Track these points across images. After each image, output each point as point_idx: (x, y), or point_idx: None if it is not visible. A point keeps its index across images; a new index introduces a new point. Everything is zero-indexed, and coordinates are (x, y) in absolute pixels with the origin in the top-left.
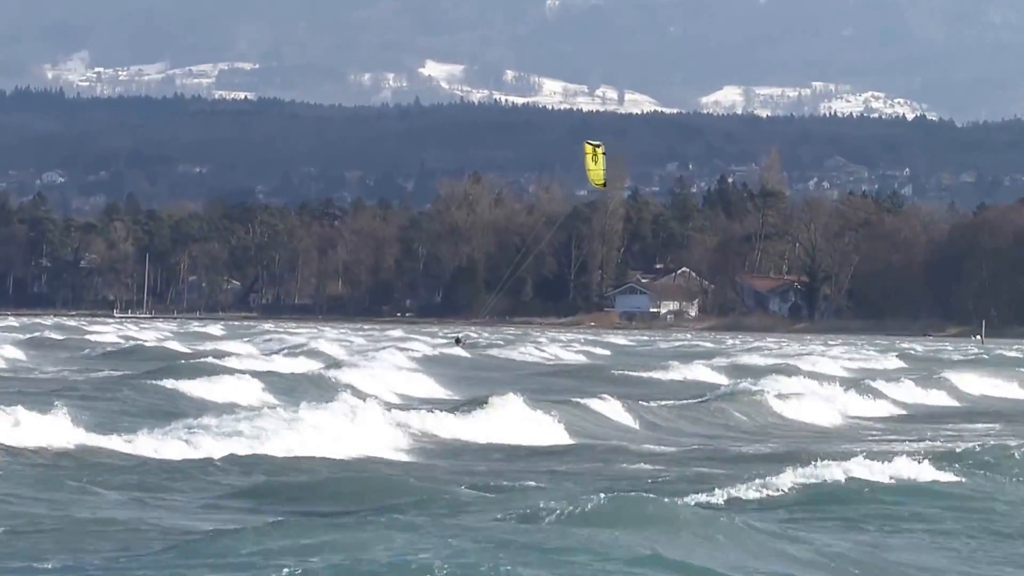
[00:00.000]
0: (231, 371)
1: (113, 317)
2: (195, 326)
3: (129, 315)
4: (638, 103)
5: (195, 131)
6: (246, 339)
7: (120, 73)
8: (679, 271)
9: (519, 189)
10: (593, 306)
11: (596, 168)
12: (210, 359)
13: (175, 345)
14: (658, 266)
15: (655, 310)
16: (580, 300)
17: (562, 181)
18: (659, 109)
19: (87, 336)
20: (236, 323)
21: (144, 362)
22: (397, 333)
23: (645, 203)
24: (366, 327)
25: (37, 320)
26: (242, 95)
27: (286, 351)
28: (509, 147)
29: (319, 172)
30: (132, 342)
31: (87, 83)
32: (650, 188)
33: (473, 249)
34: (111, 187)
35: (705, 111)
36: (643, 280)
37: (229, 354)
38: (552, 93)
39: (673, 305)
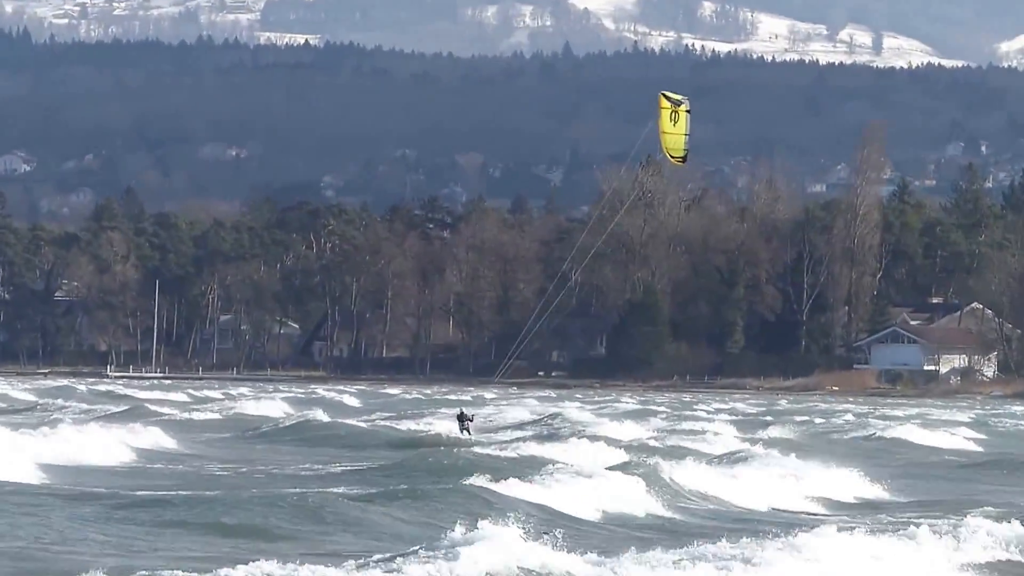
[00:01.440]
0: (545, 462)
1: (107, 376)
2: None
3: (130, 373)
4: (903, 52)
5: (228, 95)
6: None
7: (115, 6)
8: (966, 308)
9: (723, 182)
10: (836, 361)
11: (675, 132)
12: (511, 448)
13: (355, 421)
14: (935, 300)
15: (931, 367)
16: (816, 352)
17: (789, 170)
18: (935, 61)
19: (192, 410)
20: (299, 390)
21: (369, 448)
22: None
23: (914, 204)
24: (494, 395)
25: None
26: (299, 39)
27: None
28: (707, 119)
29: (418, 157)
30: (291, 415)
31: (65, 21)
32: (922, 181)
33: (653, 274)
34: (101, 179)
35: (1005, 64)
36: (912, 322)
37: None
38: (772, 37)
39: (958, 360)
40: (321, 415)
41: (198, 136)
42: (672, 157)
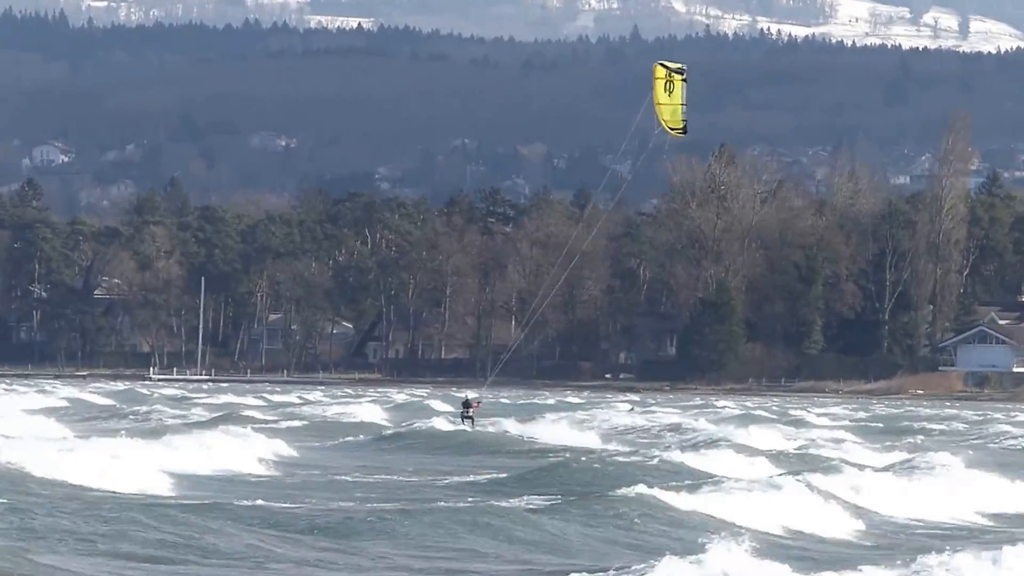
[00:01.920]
0: (699, 473)
1: (150, 378)
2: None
3: (174, 375)
4: (991, 36)
5: (277, 81)
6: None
7: None
8: None
9: (800, 173)
10: (920, 363)
11: (671, 102)
12: (649, 457)
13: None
14: None
15: (1020, 369)
16: (899, 353)
17: (870, 161)
18: None
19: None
20: (355, 390)
21: (498, 455)
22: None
23: (1004, 197)
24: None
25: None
26: (352, 22)
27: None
28: (784, 107)
29: (478, 147)
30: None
31: (103, 4)
32: (1012, 172)
33: (727, 271)
34: (143, 170)
35: None
36: (1001, 322)
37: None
38: (852, 20)
39: None
40: (436, 421)
41: (245, 125)
42: (671, 130)
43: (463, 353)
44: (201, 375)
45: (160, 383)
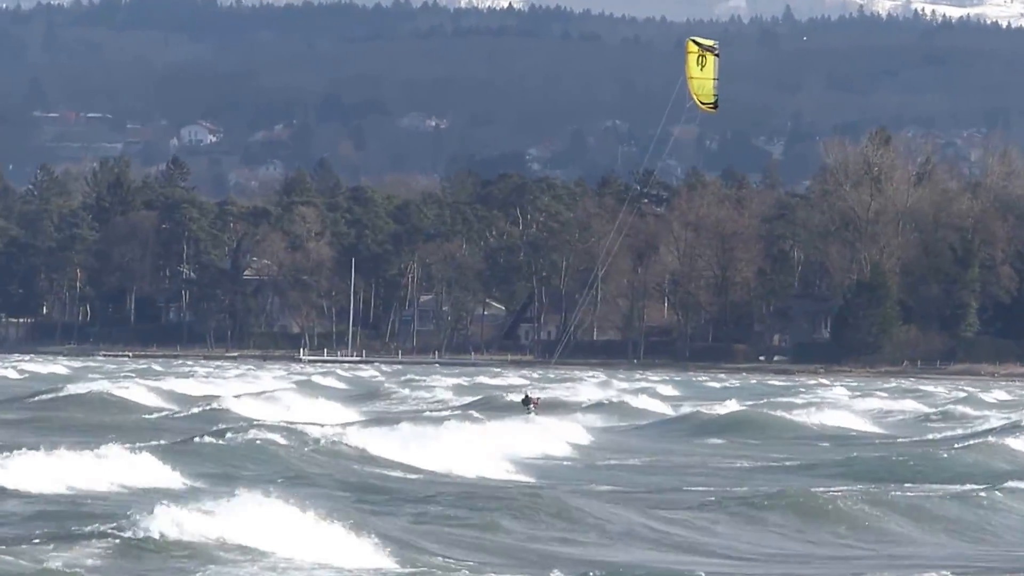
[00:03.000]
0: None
1: (300, 359)
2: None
3: (324, 356)
4: None
5: (427, 62)
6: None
7: None
8: None
9: (955, 155)
10: None
11: (703, 77)
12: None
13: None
14: None
15: None
16: None
17: None
18: None
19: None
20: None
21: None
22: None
23: None
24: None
25: (185, 363)
26: (503, 2)
27: None
28: (938, 87)
29: (630, 129)
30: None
31: None
32: None
33: (881, 253)
34: (292, 150)
35: None
36: None
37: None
38: (1007, 1)
39: None
40: (728, 406)
41: (395, 105)
42: (701, 104)
43: (615, 335)
44: (352, 357)
45: (314, 362)
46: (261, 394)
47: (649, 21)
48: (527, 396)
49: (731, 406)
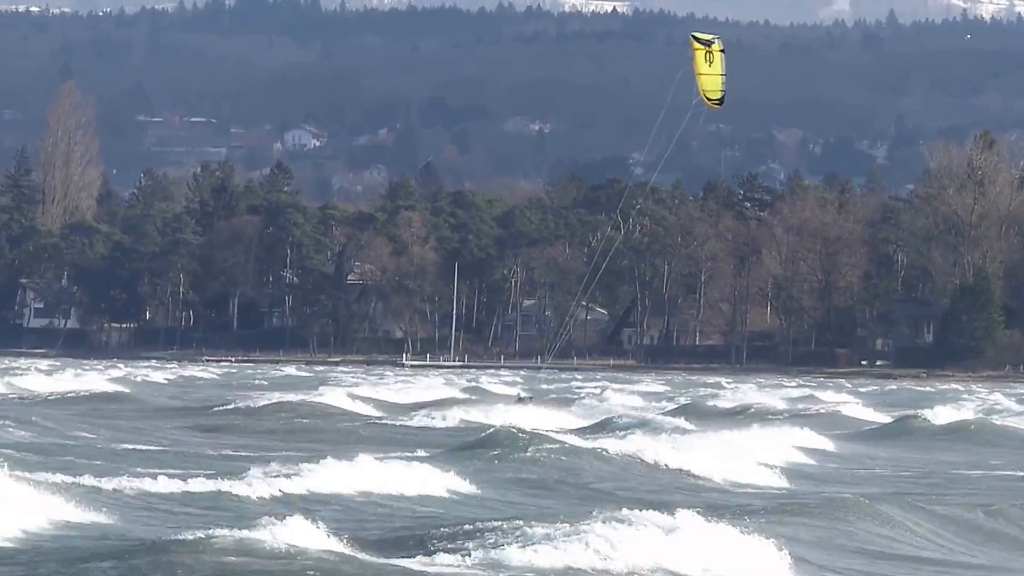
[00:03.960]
0: None
1: (403, 364)
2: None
3: (427, 361)
4: None
5: (531, 66)
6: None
7: None
8: None
9: None
10: None
11: (711, 73)
12: None
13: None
14: None
15: None
16: None
17: None
18: None
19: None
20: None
21: None
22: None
23: None
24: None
25: (297, 368)
26: (607, 6)
27: None
28: None
29: (733, 132)
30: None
31: None
32: None
33: (985, 257)
34: (396, 155)
35: None
36: None
37: None
38: None
39: None
40: (937, 412)
41: (499, 110)
42: (708, 100)
43: (718, 339)
44: (454, 361)
45: (415, 367)
46: (466, 401)
47: (752, 25)
48: (520, 396)
49: (948, 414)
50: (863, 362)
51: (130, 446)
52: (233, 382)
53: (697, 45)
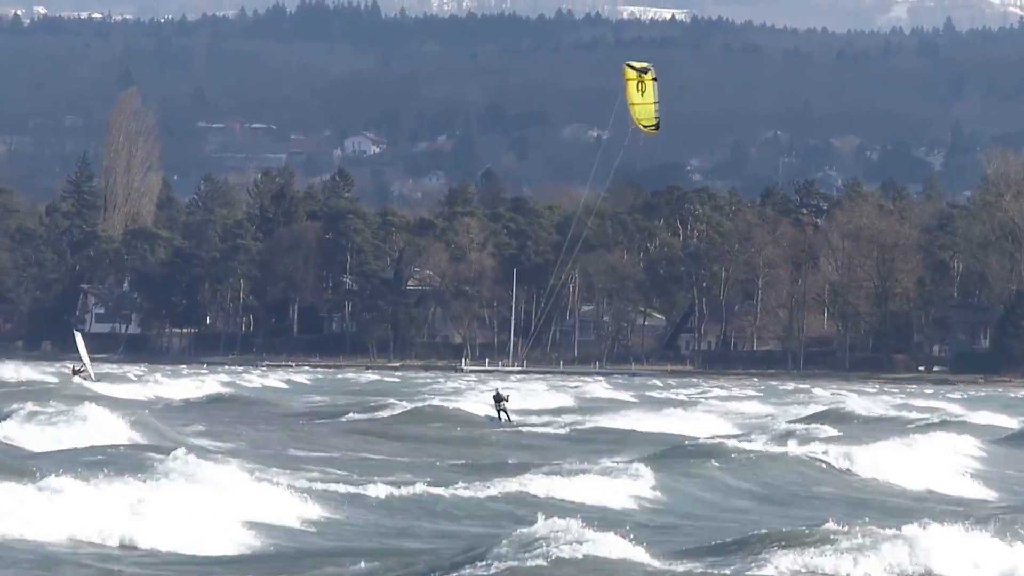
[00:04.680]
0: None
1: (461, 369)
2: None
3: (486, 367)
4: None
5: (589, 73)
6: None
7: None
8: None
9: None
10: None
11: (644, 103)
12: None
13: None
14: None
15: None
16: None
17: None
18: None
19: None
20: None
21: None
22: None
23: None
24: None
25: (350, 373)
26: (665, 13)
27: None
28: None
29: (791, 139)
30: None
31: None
32: None
33: None
34: (455, 161)
35: None
36: None
37: None
38: None
39: None
40: None
41: (557, 116)
42: (644, 127)
43: (775, 345)
44: (513, 367)
45: (477, 371)
46: (594, 409)
47: (810, 32)
48: (497, 392)
49: None
50: (920, 368)
51: (304, 452)
52: (326, 386)
53: (630, 75)
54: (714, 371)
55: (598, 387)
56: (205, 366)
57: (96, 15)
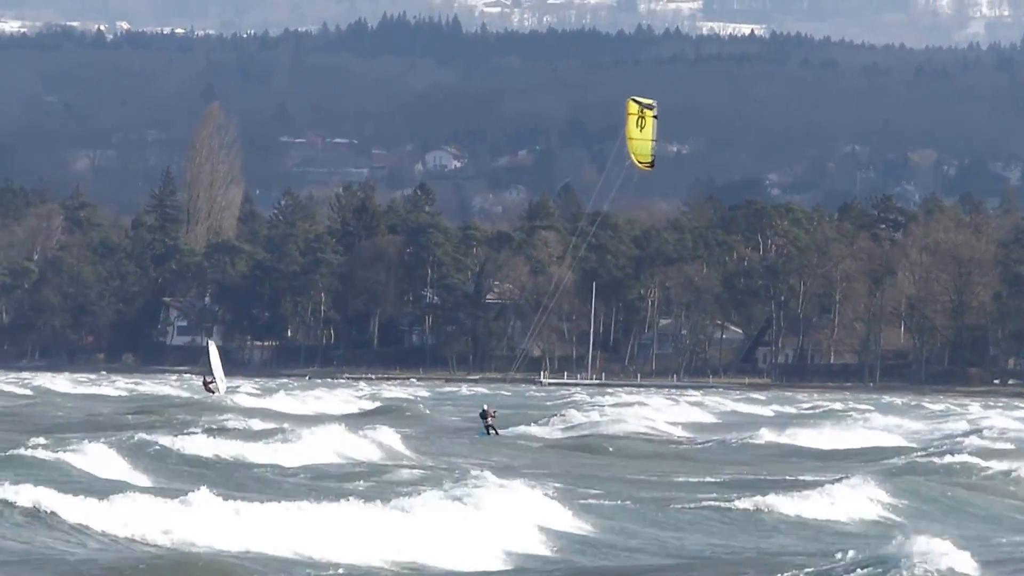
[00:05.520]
0: None
1: (540, 382)
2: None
3: (564, 379)
4: None
5: (669, 87)
6: None
7: None
8: None
9: None
10: None
11: (642, 138)
12: None
13: None
14: None
15: None
16: None
17: None
18: None
19: None
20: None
21: None
22: None
23: None
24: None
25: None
26: (744, 29)
27: None
28: None
29: (869, 154)
30: None
31: (497, 10)
32: None
33: None
34: (535, 175)
35: None
36: None
37: None
38: None
39: None
40: None
41: None
42: (639, 163)
43: (851, 358)
44: (591, 380)
45: (555, 384)
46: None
47: (888, 48)
48: (484, 409)
49: None
50: (995, 381)
51: (532, 469)
52: (449, 399)
53: (632, 109)
54: (791, 384)
55: (723, 400)
56: (307, 377)
57: (179, 30)
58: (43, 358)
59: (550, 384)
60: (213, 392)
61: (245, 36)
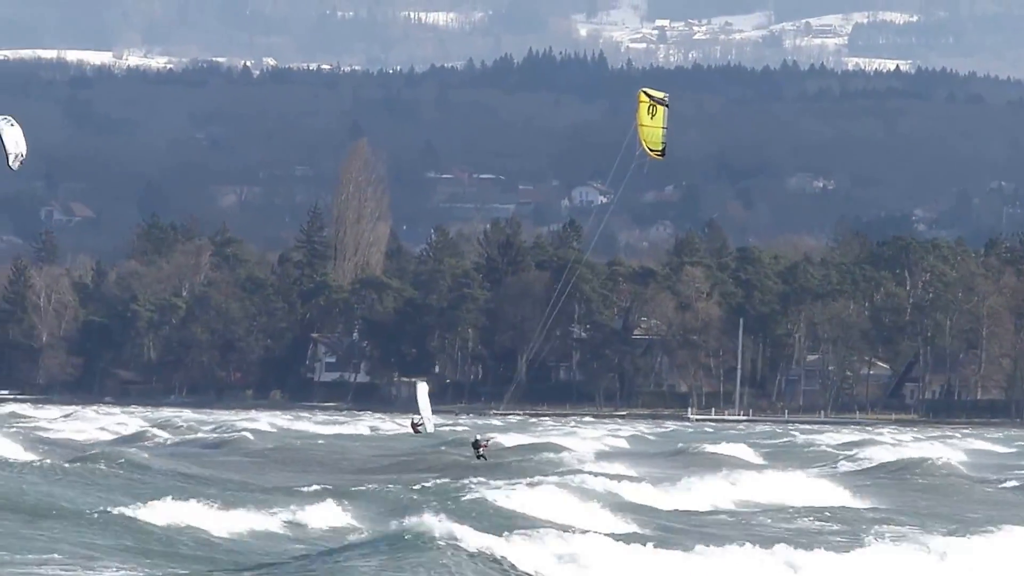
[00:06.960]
0: None
1: (688, 418)
2: None
3: (712, 415)
4: None
5: (814, 123)
6: None
7: (695, 30)
8: None
9: None
10: None
11: (652, 125)
12: None
13: None
14: None
15: None
16: None
17: None
18: None
19: None
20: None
21: None
22: None
23: None
24: None
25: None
26: (890, 64)
27: None
28: None
29: (1015, 189)
30: None
31: (643, 46)
32: None
33: None
34: (681, 211)
35: None
36: None
37: None
38: None
39: None
40: None
41: (782, 166)
42: (650, 151)
43: (998, 394)
44: (739, 416)
45: (703, 420)
46: None
47: None
48: (475, 440)
49: None
50: None
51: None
52: (659, 439)
53: (643, 98)
54: (938, 420)
55: (978, 443)
56: (455, 414)
57: (325, 66)
58: (191, 395)
59: (698, 419)
60: (420, 433)
61: (391, 72)
